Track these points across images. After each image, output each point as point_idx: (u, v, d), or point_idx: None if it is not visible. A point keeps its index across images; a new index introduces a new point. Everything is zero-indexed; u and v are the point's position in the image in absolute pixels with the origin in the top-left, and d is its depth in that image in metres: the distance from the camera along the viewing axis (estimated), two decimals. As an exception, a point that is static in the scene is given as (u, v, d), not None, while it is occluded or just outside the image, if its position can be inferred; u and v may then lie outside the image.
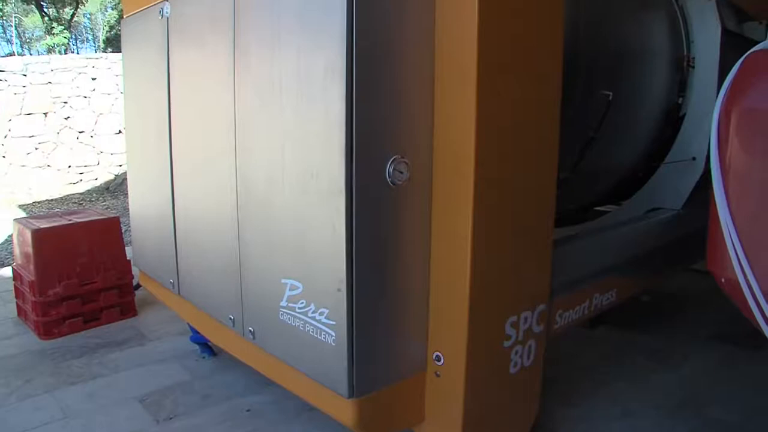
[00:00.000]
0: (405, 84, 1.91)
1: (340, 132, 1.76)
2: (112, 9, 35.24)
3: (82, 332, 4.11)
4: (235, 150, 2.29)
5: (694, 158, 3.48)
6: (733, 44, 3.60)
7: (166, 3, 2.79)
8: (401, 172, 1.89)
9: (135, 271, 4.00)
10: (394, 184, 1.89)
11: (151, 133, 3.04)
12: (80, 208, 9.30)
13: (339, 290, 1.87)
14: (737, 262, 1.87)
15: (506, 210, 2.10)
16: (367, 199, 1.84)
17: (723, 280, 1.98)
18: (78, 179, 11.49)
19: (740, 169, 1.93)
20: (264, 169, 2.17)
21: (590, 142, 2.87)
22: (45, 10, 32.47)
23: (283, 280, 2.11)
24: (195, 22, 2.58)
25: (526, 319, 2.28)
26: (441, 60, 1.95)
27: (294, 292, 2.07)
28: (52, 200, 10.33)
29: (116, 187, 11.05)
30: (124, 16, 3.45)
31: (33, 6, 32.79)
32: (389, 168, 1.87)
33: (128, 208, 3.72)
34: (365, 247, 1.87)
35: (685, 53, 3.55)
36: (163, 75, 2.83)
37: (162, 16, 2.82)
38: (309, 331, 2.04)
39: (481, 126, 1.89)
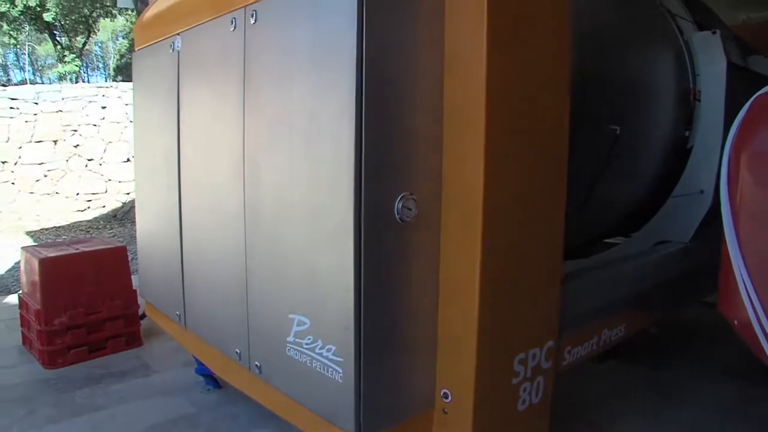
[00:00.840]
0: (414, 124, 1.92)
1: (348, 171, 1.77)
2: (123, 38, 35.85)
3: (87, 362, 4.09)
4: (243, 184, 2.30)
5: (702, 191, 3.48)
6: (738, 78, 3.62)
7: (178, 37, 2.83)
8: (410, 209, 1.90)
9: (141, 300, 3.99)
10: (402, 221, 1.89)
11: (160, 165, 3.06)
12: (87, 236, 9.34)
13: (347, 327, 1.86)
14: (749, 304, 1.86)
15: (515, 247, 2.10)
16: (376, 236, 1.84)
17: (736, 322, 1.96)
18: (86, 206, 11.57)
19: (751, 211, 1.93)
20: (272, 205, 2.18)
21: (598, 176, 2.87)
22: (58, 38, 33.03)
23: (290, 316, 2.11)
24: (206, 57, 2.62)
25: (534, 356, 2.26)
26: (450, 100, 1.97)
27: (301, 328, 2.06)
28: (59, 227, 10.38)
29: (123, 215, 11.11)
30: (136, 49, 3.50)
31: (46, 35, 33.37)
32: (398, 205, 1.87)
33: (135, 236, 3.73)
34: (373, 284, 1.86)
35: (692, 86, 3.56)
36: (173, 108, 2.86)
37: (173, 50, 2.86)
38: (316, 367, 2.02)
39: (489, 164, 1.90)
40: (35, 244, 7.95)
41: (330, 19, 1.87)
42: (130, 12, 25.19)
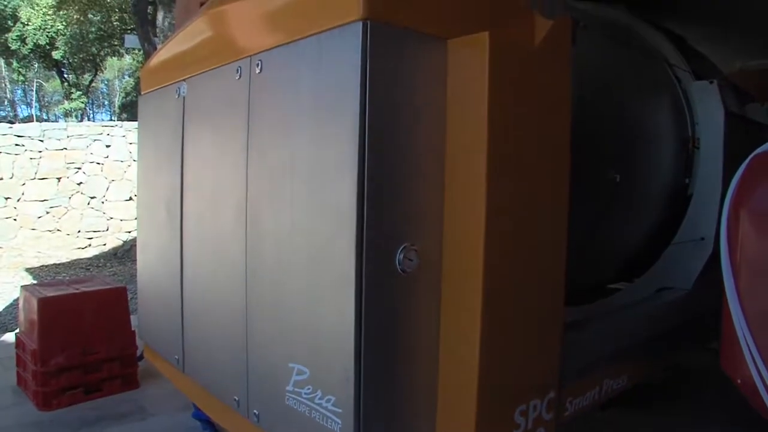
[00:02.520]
0: (415, 174, 1.94)
1: (350, 222, 1.78)
2: (129, 76, 36.42)
3: (82, 404, 4.04)
4: (245, 231, 2.31)
5: (702, 238, 3.48)
6: (736, 126, 3.67)
7: (184, 83, 2.88)
8: (411, 260, 1.90)
9: (139, 341, 3.97)
10: (404, 272, 1.89)
11: (163, 208, 3.07)
12: (88, 274, 9.32)
13: (347, 378, 1.85)
14: (752, 363, 1.84)
15: (516, 296, 2.09)
16: (376, 287, 1.84)
17: (739, 381, 1.95)
18: (87, 244, 11.58)
19: (751, 269, 1.93)
20: (274, 252, 2.18)
21: (598, 224, 2.89)
22: (65, 75, 33.58)
23: (290, 365, 2.09)
24: (211, 103, 2.66)
25: (535, 407, 2.23)
26: (452, 150, 1.99)
27: (301, 377, 2.04)
28: (59, 264, 10.36)
29: (124, 253, 11.10)
30: (142, 93, 3.55)
31: (54, 72, 33.95)
32: (399, 256, 1.87)
33: (135, 275, 3.73)
34: (373, 335, 1.85)
35: (690, 134, 3.61)
36: (177, 152, 2.89)
37: (179, 95, 2.91)
38: (315, 417, 1.99)
39: (491, 216, 1.91)
40: (35, 282, 7.93)
41: (334, 69, 1.90)
42: (137, 51, 25.69)
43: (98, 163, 12.01)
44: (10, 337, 5.51)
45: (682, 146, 3.53)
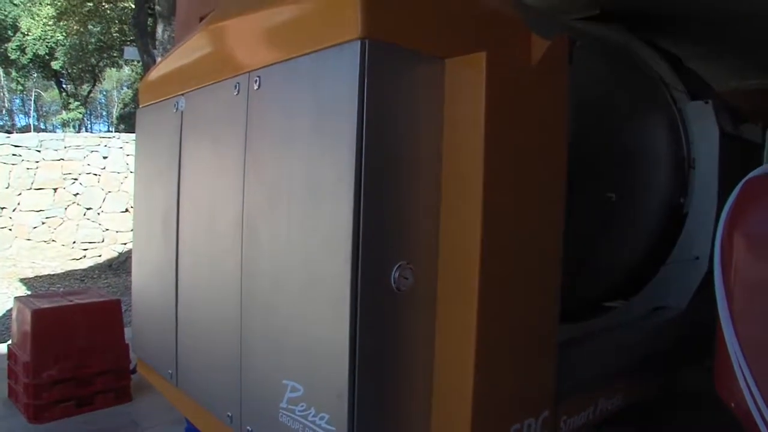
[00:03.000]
0: (412, 193, 1.94)
1: (346, 239, 1.78)
2: (128, 87, 36.51)
3: (74, 417, 4.00)
4: (241, 247, 2.30)
5: (697, 257, 3.49)
6: (731, 146, 3.70)
7: (182, 97, 2.88)
8: (406, 278, 1.90)
9: (132, 355, 3.94)
10: (399, 290, 1.89)
11: (159, 222, 3.07)
12: (82, 286, 9.28)
13: (340, 396, 1.84)
14: (746, 387, 1.84)
15: (511, 316, 2.09)
16: (371, 305, 1.84)
17: (733, 405, 1.94)
18: (82, 255, 11.55)
19: (745, 293, 1.94)
20: (269, 269, 2.18)
21: (594, 243, 2.89)
22: (64, 86, 33.63)
23: (284, 381, 2.08)
24: (209, 118, 2.66)
25: (530, 426, 2.22)
26: (448, 169, 2.00)
27: (295, 394, 2.03)
28: (54, 275, 10.32)
29: (119, 265, 11.07)
30: (140, 106, 3.56)
31: (53, 82, 34.01)
32: (394, 274, 1.87)
33: (130, 287, 3.71)
34: (368, 353, 1.85)
35: (686, 154, 3.63)
36: (174, 166, 2.89)
37: (177, 109, 2.91)
38: (308, 435, 1.98)
39: (487, 235, 1.91)
40: (29, 293, 7.90)
41: (331, 87, 1.92)
42: (135, 63, 25.77)
43: (95, 174, 12.00)
44: (2, 348, 5.47)
45: (677, 166, 3.55)
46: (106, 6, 26.25)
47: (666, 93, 3.74)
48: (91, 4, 25.26)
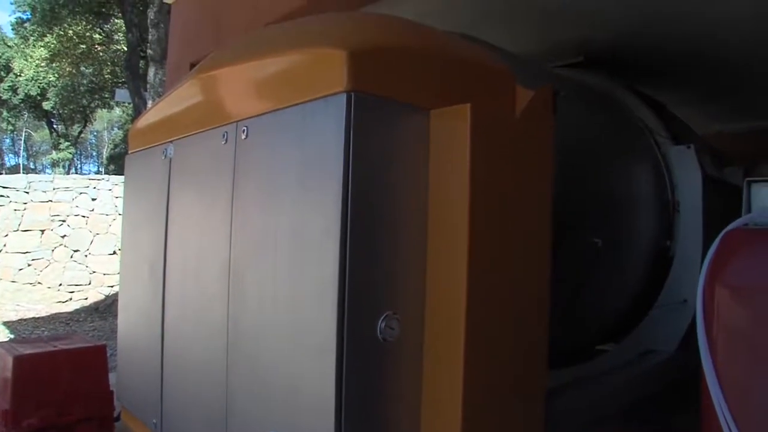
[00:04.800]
0: (398, 243, 1.95)
1: (333, 290, 1.78)
2: (119, 128, 36.69)
3: (55, 467, 3.90)
4: (228, 295, 2.29)
5: (685, 300, 3.51)
6: (714, 189, 3.76)
7: (171, 145, 2.90)
8: (392, 329, 1.89)
9: (117, 402, 3.86)
10: (385, 340, 1.88)
11: (146, 269, 3.05)
12: (67, 331, 9.14)
13: (326, 447, 1.81)
14: (730, 434, 1.84)
15: (498, 365, 2.08)
16: (358, 355, 1.82)
17: None
18: (68, 298, 11.41)
19: (727, 344, 1.95)
20: (255, 319, 2.17)
21: (582, 289, 2.90)
22: (54, 126, 33.77)
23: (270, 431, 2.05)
24: (197, 166, 2.68)
25: (519, 477, 2.19)
26: (433, 220, 2.01)
27: (280, 446, 2.00)
28: (38, 318, 10.16)
29: (106, 308, 10.93)
30: (129, 151, 3.57)
31: (44, 122, 34.16)
32: (381, 324, 1.87)
33: (116, 331, 3.66)
34: (354, 404, 1.83)
35: (671, 198, 3.68)
36: (162, 213, 2.89)
37: (165, 156, 2.93)
38: (294, 488, 1.94)
39: (472, 284, 1.91)
40: (13, 338, 7.77)
41: (318, 139, 1.93)
42: (127, 105, 25.98)
43: (83, 216, 11.95)
44: (-17, 395, 5.34)
45: (662, 210, 3.60)
46: (99, 48, 26.61)
47: (650, 138, 3.81)
48: (84, 47, 25.61)
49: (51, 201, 11.69)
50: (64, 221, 11.76)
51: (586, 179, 3.01)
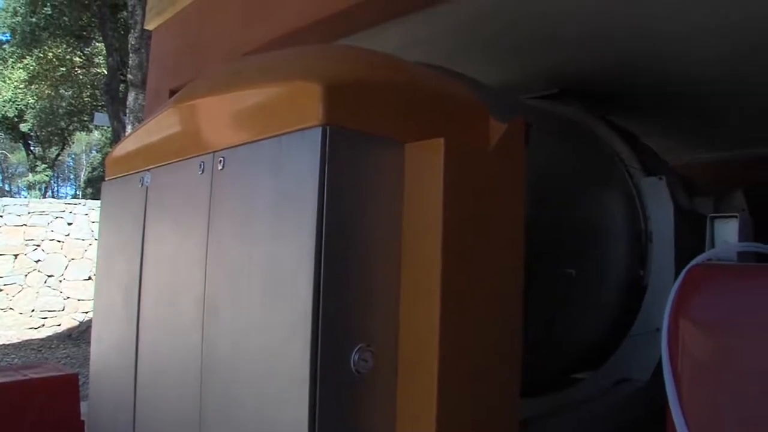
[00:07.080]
0: (372, 275, 1.97)
1: (305, 322, 1.79)
2: (97, 151, 36.38)
3: (22, 502, 3.80)
4: (202, 326, 2.28)
5: (658, 329, 3.54)
6: (685, 219, 3.83)
7: (148, 173, 2.90)
8: (366, 361, 1.90)
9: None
10: (358, 372, 1.88)
11: (120, 297, 3.02)
12: (39, 359, 8.95)
13: (299, 480, 1.80)
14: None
15: (471, 397, 2.09)
16: (331, 387, 1.82)
17: None
18: (40, 324, 11.19)
19: (692, 378, 1.99)
20: (229, 350, 2.16)
21: (555, 319, 2.93)
22: (32, 148, 33.38)
23: (243, 464, 2.03)
24: (173, 195, 2.68)
25: None
26: (407, 252, 2.04)
27: (252, 480, 1.98)
28: (9, 345, 9.95)
29: (79, 335, 10.73)
30: (106, 178, 3.55)
31: (20, 144, 33.77)
32: (354, 357, 1.87)
33: (89, 358, 3.60)
34: (327, 438, 1.82)
35: (644, 228, 3.74)
36: (138, 241, 2.87)
37: (142, 184, 2.92)
38: None
39: (445, 315, 1.93)
40: (-19, 364, 7.58)
41: (293, 170, 1.95)
42: (105, 128, 25.82)
43: (59, 241, 11.78)
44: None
45: (635, 240, 3.66)
46: (79, 71, 26.50)
47: (622, 169, 3.89)
48: (63, 69, 25.50)
49: (25, 225, 11.52)
50: (38, 246, 11.57)
51: (560, 210, 3.06)
